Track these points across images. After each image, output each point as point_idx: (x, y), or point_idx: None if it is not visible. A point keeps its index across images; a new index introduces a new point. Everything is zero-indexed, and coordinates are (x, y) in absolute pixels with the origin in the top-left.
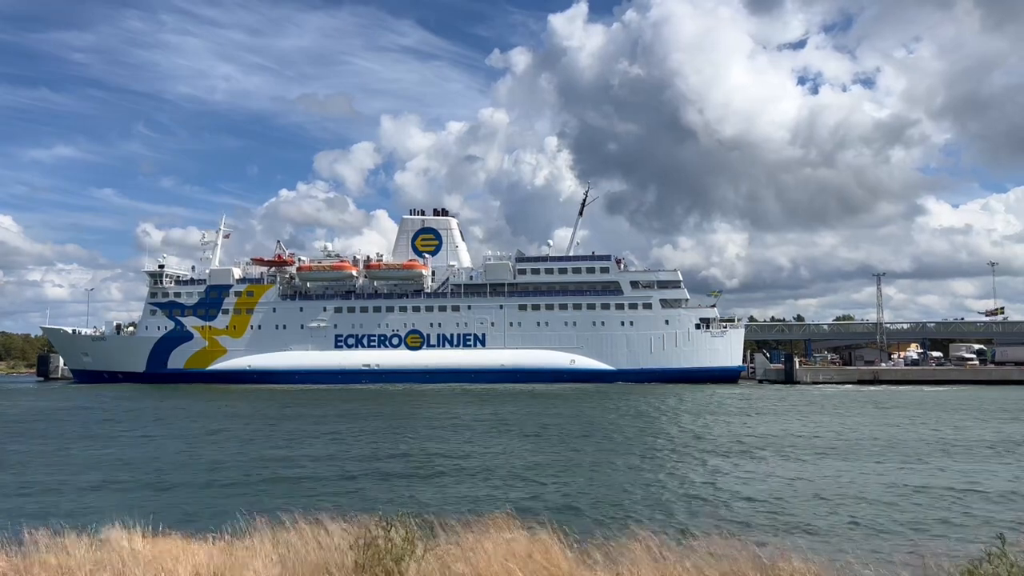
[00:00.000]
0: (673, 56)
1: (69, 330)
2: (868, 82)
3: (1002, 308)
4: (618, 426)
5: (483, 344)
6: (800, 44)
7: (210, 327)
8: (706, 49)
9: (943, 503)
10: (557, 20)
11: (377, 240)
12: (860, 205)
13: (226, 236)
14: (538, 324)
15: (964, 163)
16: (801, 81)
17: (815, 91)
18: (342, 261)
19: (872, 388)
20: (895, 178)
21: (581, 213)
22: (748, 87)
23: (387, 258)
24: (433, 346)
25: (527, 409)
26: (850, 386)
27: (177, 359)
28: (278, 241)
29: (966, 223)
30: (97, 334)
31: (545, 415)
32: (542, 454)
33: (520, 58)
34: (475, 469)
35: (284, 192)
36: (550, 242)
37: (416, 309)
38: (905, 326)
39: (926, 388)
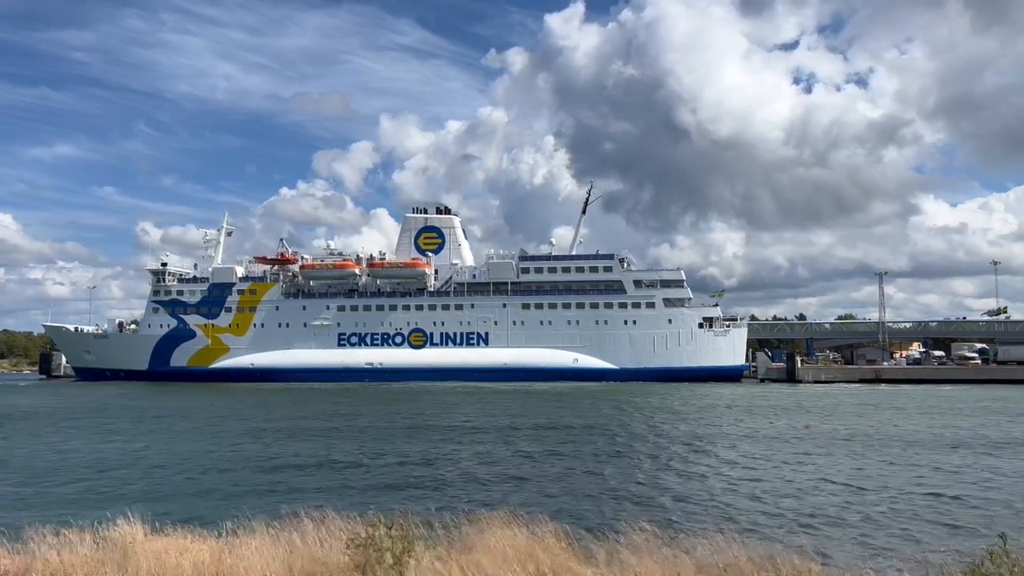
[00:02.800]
0: (666, 56)
1: (71, 328)
2: (861, 82)
3: (1005, 308)
4: (620, 424)
5: (486, 343)
6: (792, 45)
7: (213, 325)
8: (699, 49)
9: (944, 501)
10: (553, 20)
11: (377, 238)
12: (855, 204)
13: (228, 234)
14: (541, 323)
15: (958, 162)
16: (795, 81)
17: (809, 91)
18: (345, 260)
19: (874, 387)
20: (889, 177)
21: (584, 212)
22: (741, 87)
23: (390, 257)
24: (436, 345)
25: (529, 408)
26: (852, 385)
27: (180, 357)
28: (281, 239)
29: (960, 222)
30: (99, 332)
31: (547, 414)
32: (543, 452)
33: (516, 58)
34: (476, 467)
35: (285, 191)
36: (553, 241)
37: (419, 308)
38: (907, 325)
39: (928, 387)
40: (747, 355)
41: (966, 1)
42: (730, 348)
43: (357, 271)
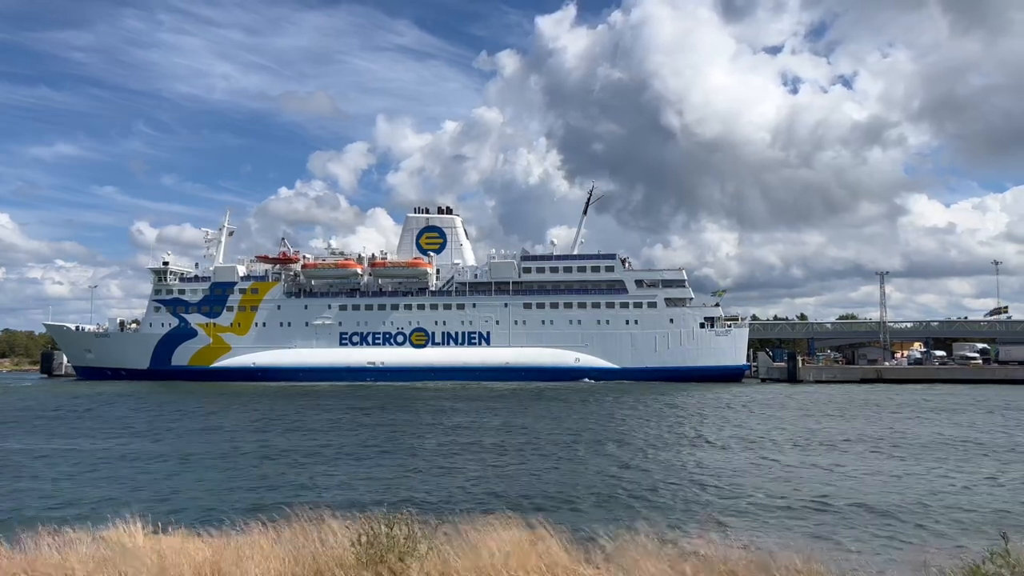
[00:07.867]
0: (651, 58)
1: (72, 327)
2: (846, 84)
3: (1006, 307)
4: (620, 424)
5: (488, 342)
6: (777, 49)
7: (214, 324)
8: (685, 51)
9: (945, 501)
10: (544, 22)
11: (374, 238)
12: (843, 205)
13: (230, 234)
14: (543, 322)
15: (943, 163)
16: (782, 83)
17: (795, 92)
18: (347, 259)
19: (875, 387)
20: (875, 178)
21: (585, 212)
22: (727, 89)
23: (391, 256)
24: (438, 344)
25: (530, 407)
26: (853, 385)
27: (181, 356)
28: (283, 238)
29: (949, 221)
30: (100, 331)
31: (548, 413)
32: (544, 452)
33: (508, 60)
34: (477, 467)
35: (283, 190)
36: (554, 241)
37: (421, 307)
38: (908, 325)
39: (929, 386)
40: (748, 355)
41: (944, 5)
42: (731, 348)
43: (359, 270)
